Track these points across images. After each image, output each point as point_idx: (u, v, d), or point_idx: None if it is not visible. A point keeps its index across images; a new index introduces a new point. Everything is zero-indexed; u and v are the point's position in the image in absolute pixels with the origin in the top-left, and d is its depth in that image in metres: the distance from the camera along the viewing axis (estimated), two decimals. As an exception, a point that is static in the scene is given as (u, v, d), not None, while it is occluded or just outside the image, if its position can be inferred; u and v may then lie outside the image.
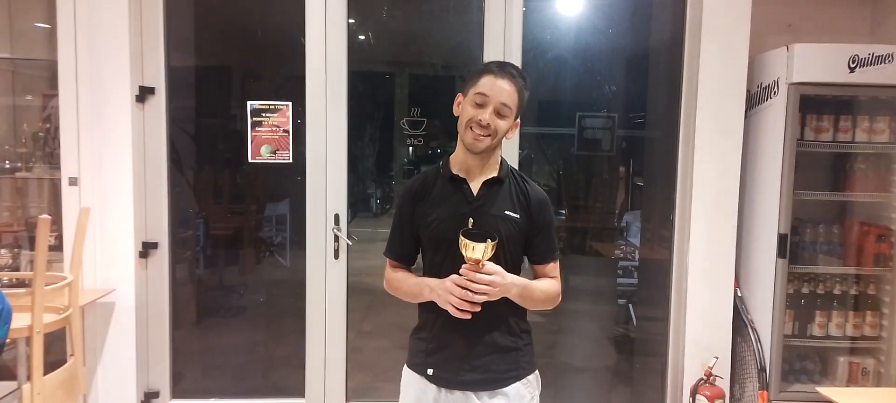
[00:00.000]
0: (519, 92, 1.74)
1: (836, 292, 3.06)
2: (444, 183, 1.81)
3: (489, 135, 1.71)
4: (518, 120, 1.81)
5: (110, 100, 2.89)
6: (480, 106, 1.71)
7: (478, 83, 1.73)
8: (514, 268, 1.79)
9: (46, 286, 2.39)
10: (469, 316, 1.67)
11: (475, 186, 1.79)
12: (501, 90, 1.71)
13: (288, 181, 3.26)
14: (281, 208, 3.66)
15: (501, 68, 1.75)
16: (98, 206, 2.88)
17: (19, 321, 2.29)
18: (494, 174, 1.80)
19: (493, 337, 1.77)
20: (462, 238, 1.65)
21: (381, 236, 1.95)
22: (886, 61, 2.80)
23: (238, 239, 3.69)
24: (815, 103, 2.95)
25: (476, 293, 1.65)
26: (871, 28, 3.31)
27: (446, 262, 1.75)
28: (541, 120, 3.61)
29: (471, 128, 1.72)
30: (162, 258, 3.04)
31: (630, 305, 3.83)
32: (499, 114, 1.71)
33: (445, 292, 1.68)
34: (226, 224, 3.67)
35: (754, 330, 2.99)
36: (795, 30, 3.21)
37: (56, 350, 2.78)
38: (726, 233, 2.99)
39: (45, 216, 2.33)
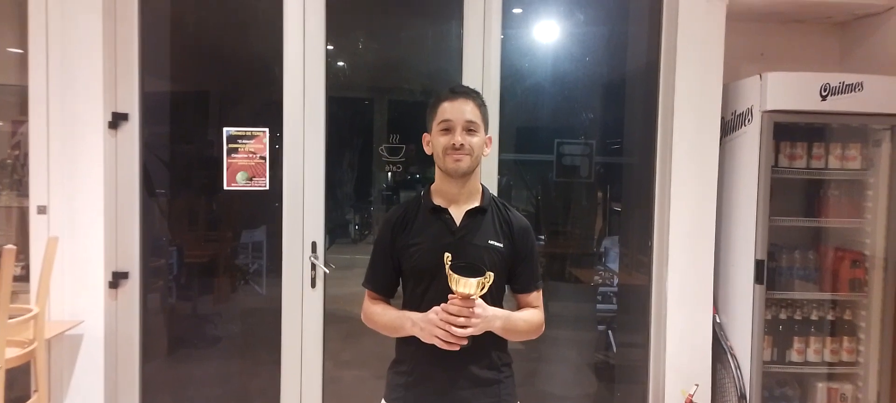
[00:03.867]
0: (479, 107, 1.79)
1: (813, 318, 3.07)
2: (425, 213, 1.80)
3: (466, 153, 1.73)
4: (490, 135, 1.84)
5: (82, 126, 2.83)
6: (448, 131, 1.74)
7: (437, 112, 1.77)
8: (497, 299, 1.77)
9: (10, 318, 2.31)
10: (457, 348, 1.64)
11: (457, 216, 1.78)
12: (462, 110, 1.75)
13: (265, 207, 3.21)
14: (257, 235, 3.60)
15: (454, 92, 1.79)
16: (67, 235, 2.80)
17: (-20, 356, 2.21)
18: (477, 203, 1.80)
19: (474, 371, 1.74)
20: (451, 273, 1.62)
21: (359, 263, 1.93)
22: (856, 89, 2.86)
23: (213, 268, 3.61)
24: (788, 130, 2.99)
25: (461, 326, 1.62)
26: (840, 56, 3.39)
27: (428, 293, 1.73)
28: (519, 146, 3.61)
29: (448, 153, 1.73)
30: (133, 288, 2.96)
31: (610, 331, 3.82)
32: (468, 131, 1.74)
33: (429, 325, 1.65)
34: (200, 252, 3.59)
35: (733, 356, 2.99)
36: (768, 58, 3.28)
37: (20, 386, 2.68)
38: (704, 259, 3.00)
39: (9, 246, 2.26)
